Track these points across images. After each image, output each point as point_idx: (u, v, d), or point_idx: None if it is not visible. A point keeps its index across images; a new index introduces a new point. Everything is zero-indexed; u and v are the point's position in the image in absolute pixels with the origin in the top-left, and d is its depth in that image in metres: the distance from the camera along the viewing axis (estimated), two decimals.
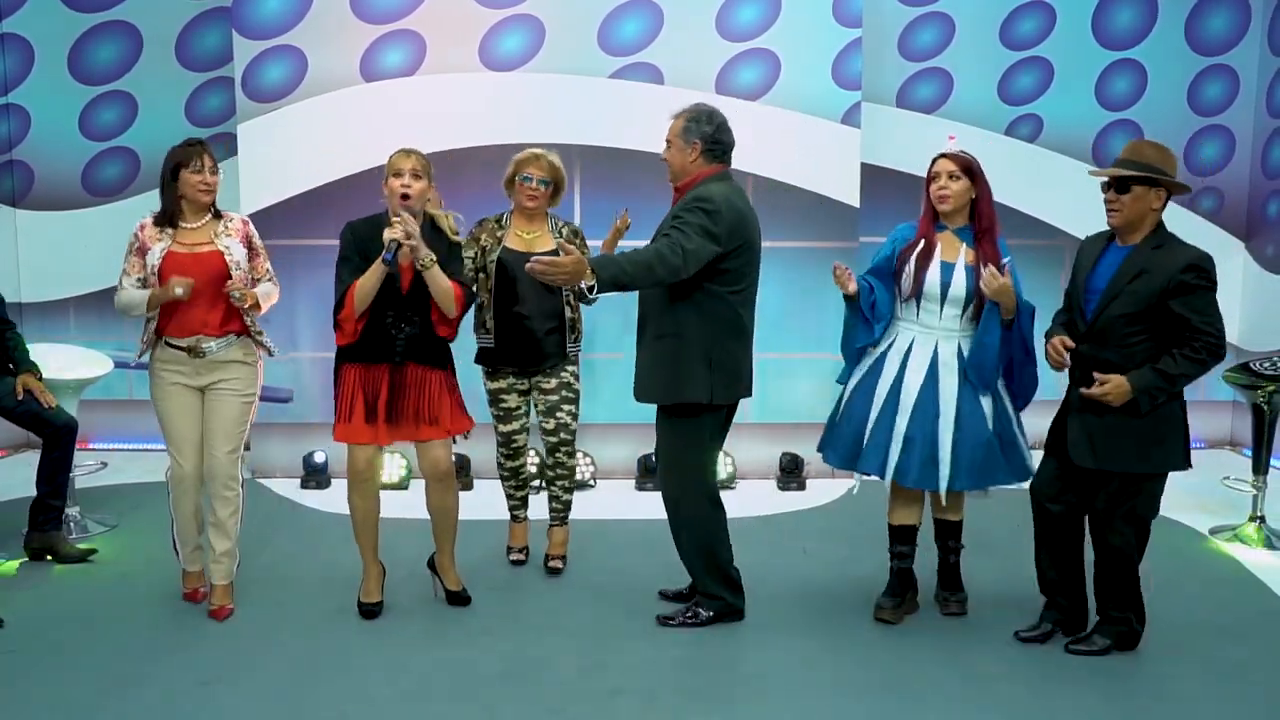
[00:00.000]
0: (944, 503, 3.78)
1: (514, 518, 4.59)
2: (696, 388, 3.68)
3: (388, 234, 3.63)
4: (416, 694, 3.34)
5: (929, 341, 3.72)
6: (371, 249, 3.69)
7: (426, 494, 4.01)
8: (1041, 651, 3.63)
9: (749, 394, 3.89)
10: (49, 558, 4.44)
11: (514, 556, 4.53)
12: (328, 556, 4.58)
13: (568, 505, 4.49)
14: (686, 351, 3.68)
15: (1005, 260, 3.65)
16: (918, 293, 3.69)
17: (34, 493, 4.51)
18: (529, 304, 4.24)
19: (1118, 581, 3.54)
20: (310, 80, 5.71)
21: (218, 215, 3.98)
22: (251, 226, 4.03)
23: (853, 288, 3.74)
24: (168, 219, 3.92)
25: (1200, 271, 3.31)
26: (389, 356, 3.79)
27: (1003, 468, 3.70)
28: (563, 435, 4.37)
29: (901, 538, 3.88)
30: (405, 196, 3.71)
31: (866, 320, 3.80)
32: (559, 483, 4.46)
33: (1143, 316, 3.35)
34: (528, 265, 3.42)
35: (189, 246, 3.88)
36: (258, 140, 5.70)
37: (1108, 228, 3.53)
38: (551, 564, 4.44)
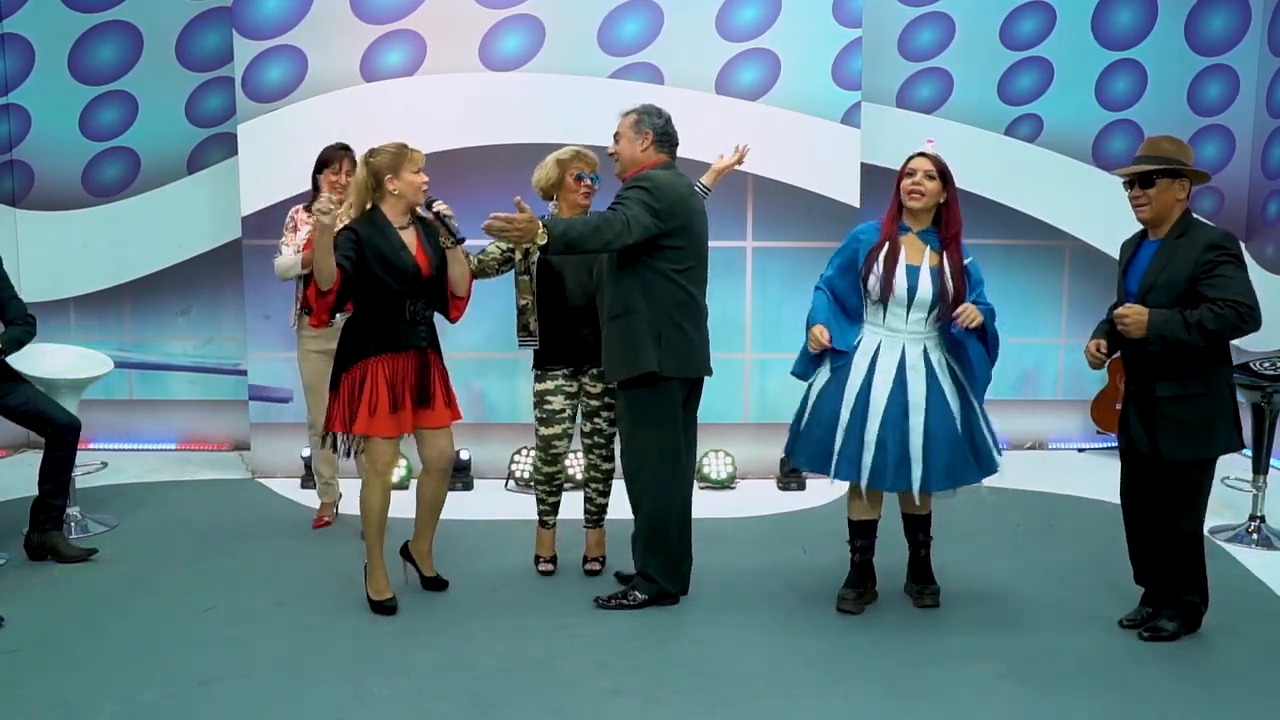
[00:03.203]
0: (916, 501, 3.83)
1: (542, 523, 4.43)
2: (646, 359, 3.82)
3: (442, 208, 3.82)
4: (416, 694, 3.34)
5: (895, 344, 3.73)
6: (374, 243, 3.78)
7: (422, 483, 4.06)
8: (1040, 652, 3.62)
9: (706, 372, 4.00)
10: (49, 557, 4.44)
11: (542, 566, 4.40)
12: (327, 556, 4.58)
13: (602, 509, 4.44)
14: (638, 327, 3.83)
15: (967, 260, 3.73)
16: (887, 297, 3.70)
17: (35, 492, 4.51)
18: (576, 299, 4.21)
19: (1191, 564, 3.62)
20: (310, 80, 5.71)
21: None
22: None
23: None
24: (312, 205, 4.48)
25: (1221, 250, 3.37)
26: (415, 343, 3.90)
27: (972, 467, 3.76)
28: (597, 439, 4.35)
29: (861, 532, 3.92)
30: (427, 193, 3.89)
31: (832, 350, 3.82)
32: (594, 485, 4.43)
33: (1180, 304, 3.41)
34: (484, 223, 3.52)
35: None
36: (258, 140, 5.70)
37: (1139, 225, 3.63)
38: (589, 565, 4.41)
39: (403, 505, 4.36)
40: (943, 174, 3.71)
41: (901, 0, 6.31)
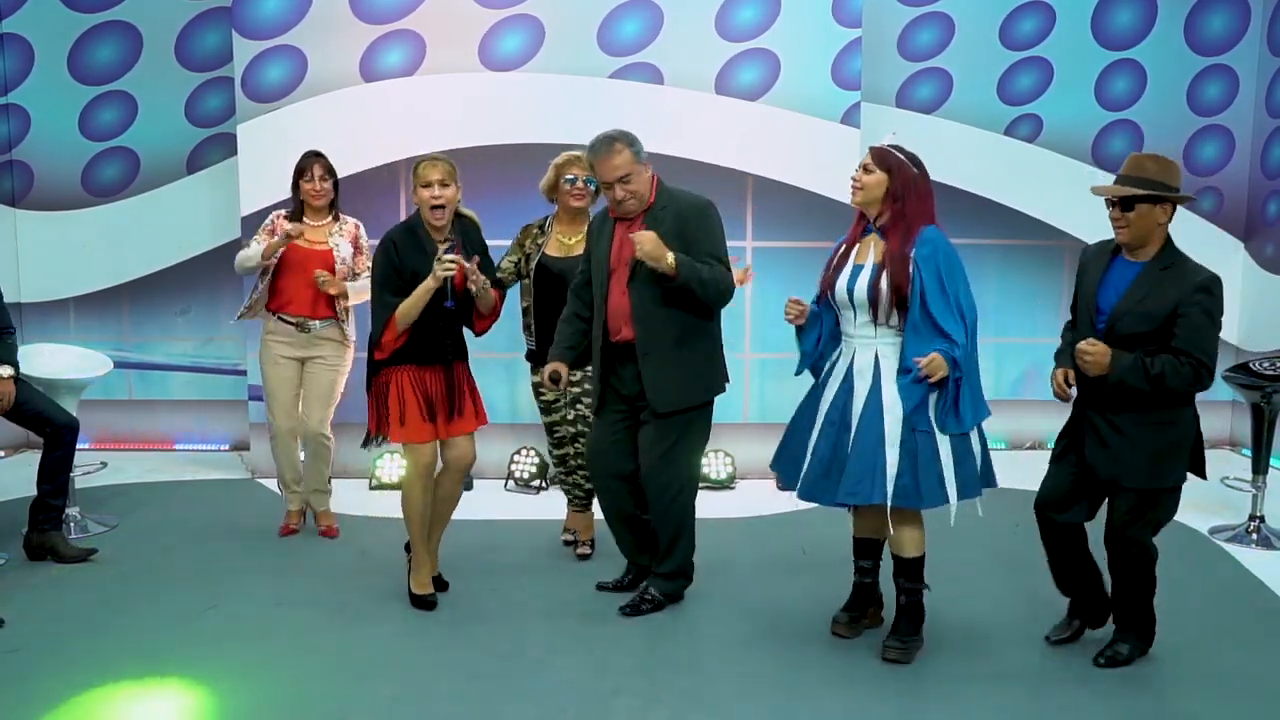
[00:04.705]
0: (892, 529, 3.52)
1: (579, 507, 4.65)
2: (716, 384, 3.96)
3: (440, 270, 3.71)
4: (416, 694, 3.34)
5: (849, 350, 3.56)
6: (413, 262, 3.79)
7: (439, 482, 4.07)
8: (1039, 652, 3.63)
9: None
10: (49, 557, 4.44)
11: (565, 537, 4.68)
12: (327, 556, 4.59)
13: (589, 494, 4.58)
14: (705, 354, 3.90)
15: (914, 251, 3.40)
16: (830, 296, 3.56)
17: (34, 492, 4.51)
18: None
19: (1138, 584, 3.47)
20: (310, 80, 5.71)
21: (337, 217, 4.75)
22: (362, 230, 4.81)
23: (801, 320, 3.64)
24: (296, 216, 4.71)
25: (1208, 295, 3.24)
26: (441, 358, 3.92)
27: (881, 487, 3.38)
28: (580, 426, 4.45)
29: (861, 551, 3.77)
30: (439, 207, 3.81)
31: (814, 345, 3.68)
32: (579, 472, 4.55)
33: (1153, 337, 3.26)
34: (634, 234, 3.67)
35: (309, 243, 4.65)
36: (257, 140, 5.70)
37: (1112, 236, 3.46)
38: (580, 550, 4.58)
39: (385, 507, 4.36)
40: (886, 165, 3.46)
41: (901, 0, 6.31)
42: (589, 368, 4.32)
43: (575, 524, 4.66)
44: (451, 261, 3.72)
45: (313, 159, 4.69)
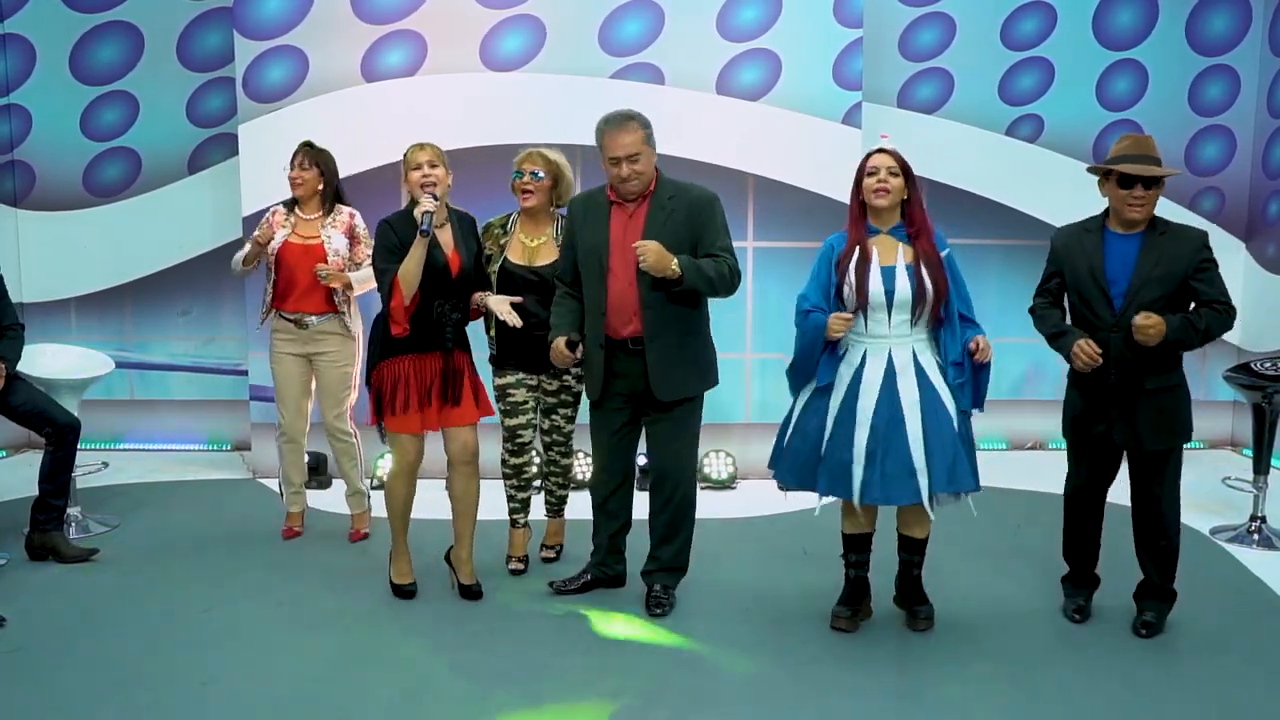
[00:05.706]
0: (931, 515, 3.60)
1: (513, 523, 4.49)
2: (715, 371, 4.02)
3: (419, 210, 3.81)
4: (416, 694, 3.35)
5: (881, 351, 3.56)
6: (409, 238, 3.82)
7: (450, 480, 4.07)
8: (1041, 653, 3.63)
9: None
10: (50, 557, 4.44)
11: (513, 565, 4.43)
12: (327, 556, 4.59)
13: (562, 500, 4.58)
14: (706, 343, 3.98)
15: (944, 252, 3.61)
16: (864, 304, 3.54)
17: (35, 492, 4.51)
18: (532, 313, 4.21)
19: (1171, 549, 3.76)
20: (311, 80, 5.72)
21: (332, 209, 4.68)
22: (358, 219, 4.72)
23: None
24: (291, 205, 4.69)
25: (1209, 249, 3.58)
26: (441, 344, 3.92)
27: (970, 471, 3.57)
28: (556, 436, 4.44)
29: (855, 546, 3.81)
30: (430, 184, 3.88)
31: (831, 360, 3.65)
32: (553, 479, 4.54)
33: (1172, 300, 3.54)
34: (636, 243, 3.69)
35: (303, 238, 4.60)
36: (259, 140, 5.71)
37: (1085, 219, 3.79)
38: (544, 554, 4.55)
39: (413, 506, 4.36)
40: (904, 170, 3.57)
41: (902, 0, 6.31)
42: (566, 377, 4.31)
43: (518, 547, 4.50)
44: (426, 198, 3.84)
45: (300, 148, 4.65)
